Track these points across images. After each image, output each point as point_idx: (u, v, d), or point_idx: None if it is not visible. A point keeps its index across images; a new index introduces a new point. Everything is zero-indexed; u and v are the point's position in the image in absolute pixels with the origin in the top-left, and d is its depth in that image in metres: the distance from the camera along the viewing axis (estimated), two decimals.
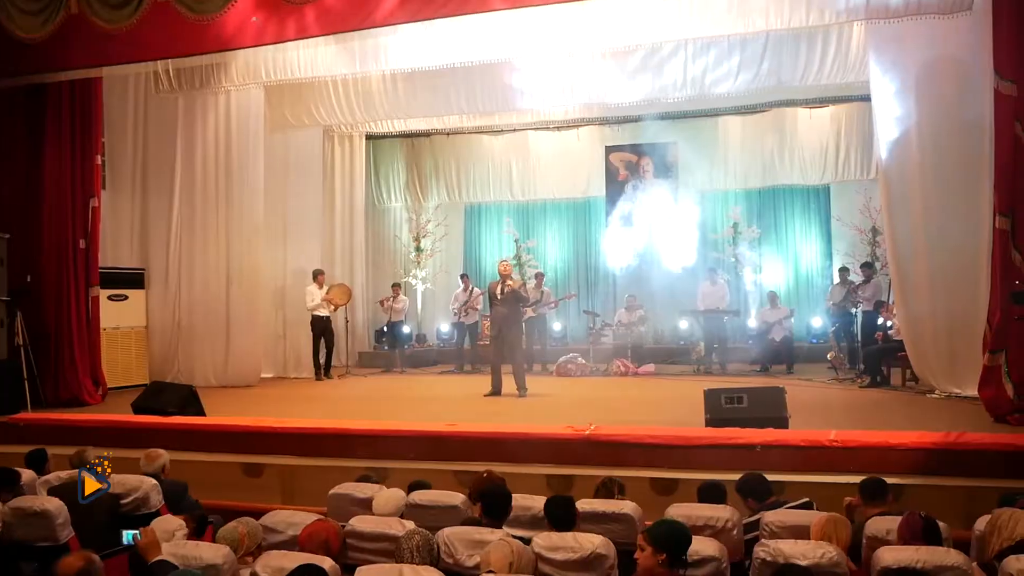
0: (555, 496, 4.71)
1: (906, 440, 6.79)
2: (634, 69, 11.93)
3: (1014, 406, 7.76)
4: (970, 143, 9.27)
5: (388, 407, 10.56)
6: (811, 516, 4.66)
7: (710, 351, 13.47)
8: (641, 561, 3.89)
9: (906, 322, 9.99)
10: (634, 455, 7.17)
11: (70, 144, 10.87)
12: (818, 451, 6.84)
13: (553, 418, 8.63)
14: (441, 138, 16.91)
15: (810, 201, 15.79)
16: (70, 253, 10.81)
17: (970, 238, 9.30)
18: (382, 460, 7.80)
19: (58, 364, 10.75)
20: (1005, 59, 7.91)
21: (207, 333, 12.53)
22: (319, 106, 13.32)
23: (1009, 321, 7.81)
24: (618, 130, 16.17)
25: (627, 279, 16.15)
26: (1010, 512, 4.05)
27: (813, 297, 15.45)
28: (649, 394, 11.13)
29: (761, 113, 15.25)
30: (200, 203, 12.62)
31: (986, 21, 8.81)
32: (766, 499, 5.20)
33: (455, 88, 12.69)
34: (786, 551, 4.02)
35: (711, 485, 5.40)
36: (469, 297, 14.31)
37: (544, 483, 7.01)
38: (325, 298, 13.29)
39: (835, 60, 11.35)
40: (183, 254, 12.68)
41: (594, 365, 13.53)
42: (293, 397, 11.64)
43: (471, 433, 7.83)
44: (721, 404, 7.57)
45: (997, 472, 6.41)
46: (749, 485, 5.28)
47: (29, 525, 5.14)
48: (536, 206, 17.14)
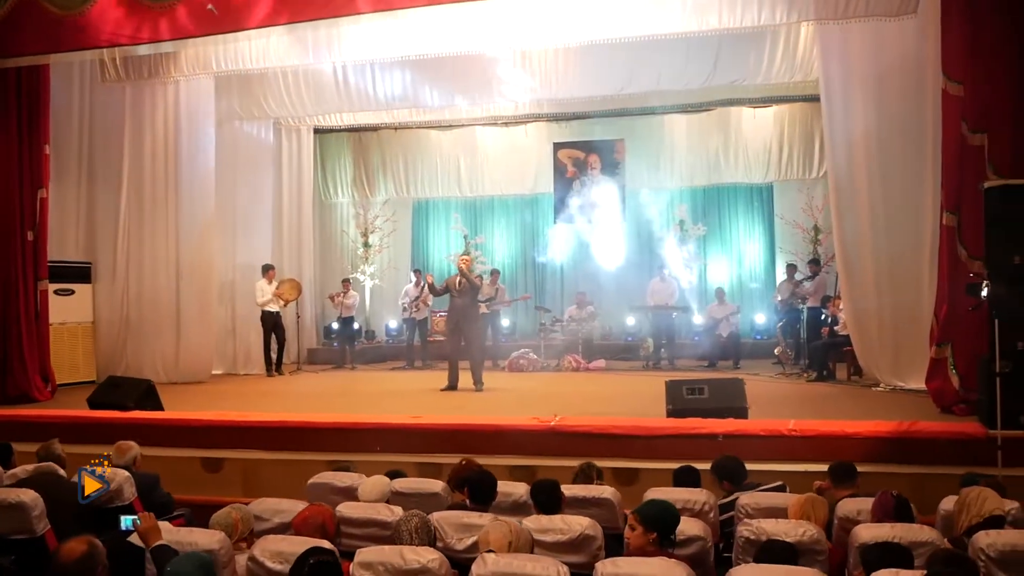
0: (541, 480, 4.80)
1: (861, 429, 7.03)
2: (587, 66, 12.08)
3: (959, 397, 8.04)
4: (915, 143, 9.61)
5: (345, 402, 10.54)
6: (785, 498, 4.83)
7: (659, 347, 13.67)
8: (632, 540, 4.00)
9: (853, 317, 10.29)
10: (599, 445, 7.28)
11: (16, 133, 10.60)
12: (777, 440, 7.05)
13: (512, 412, 8.70)
14: (389, 133, 16.89)
15: (754, 199, 16.12)
16: (17, 246, 10.53)
17: (914, 235, 9.65)
18: (347, 453, 7.79)
19: (6, 361, 10.46)
20: (953, 61, 8.17)
21: (157, 328, 12.32)
22: (268, 98, 13.27)
23: (955, 315, 8.09)
24: (566, 127, 16.32)
25: (575, 275, 16.38)
26: (978, 491, 4.25)
27: (757, 294, 15.78)
28: (604, 389, 11.26)
29: (706, 112, 15.52)
30: (149, 195, 12.41)
31: (931, 24, 9.15)
32: (742, 482, 5.34)
33: (408, 82, 12.71)
34: (769, 529, 4.17)
35: (687, 469, 5.54)
36: (421, 292, 14.29)
37: (508, 474, 7.08)
38: (275, 293, 13.17)
39: (783, 60, 11.67)
40: (131, 247, 12.44)
41: (545, 360, 13.64)
42: (247, 393, 11.52)
43: (437, 425, 7.89)
44: (683, 395, 7.73)
45: (948, 459, 6.69)
46: (726, 468, 5.42)
47: (4, 518, 5.06)
48: (484, 202, 17.21)
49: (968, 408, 7.92)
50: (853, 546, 4.08)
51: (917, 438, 6.89)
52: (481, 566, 3.62)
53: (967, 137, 8.06)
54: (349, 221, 17.29)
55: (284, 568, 3.79)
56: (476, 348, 11.04)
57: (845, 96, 10.23)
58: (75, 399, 10.70)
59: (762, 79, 11.99)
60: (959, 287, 8.05)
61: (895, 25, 9.51)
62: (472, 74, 12.47)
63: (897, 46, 9.80)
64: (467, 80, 12.57)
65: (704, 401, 7.65)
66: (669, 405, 7.72)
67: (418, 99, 13.14)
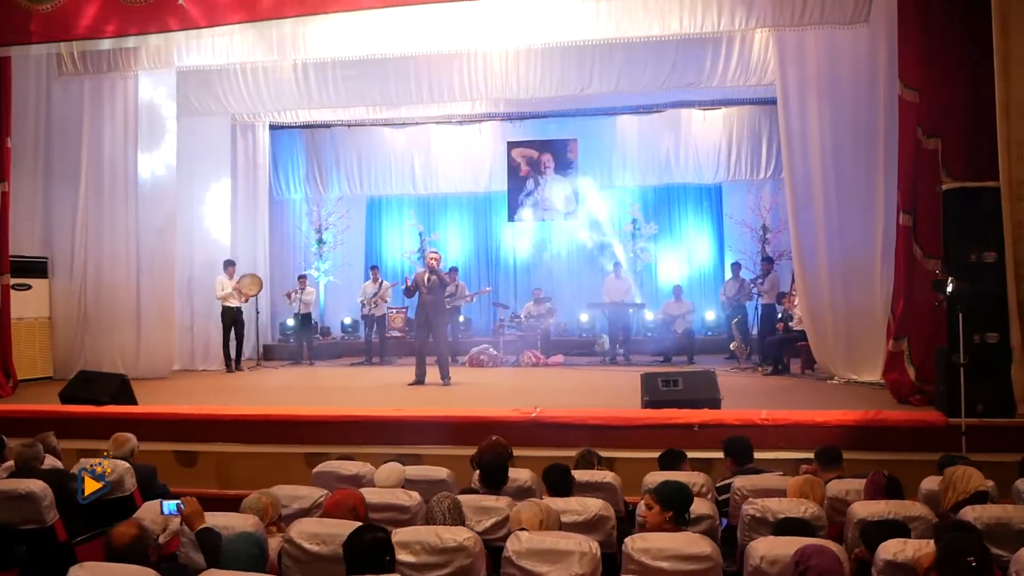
0: (553, 465, 5.00)
1: (830, 418, 7.39)
2: (546, 67, 12.32)
3: (915, 388, 8.48)
4: (867, 145, 10.10)
5: (320, 396, 10.60)
6: (779, 480, 5.11)
7: (615, 342, 13.96)
8: (650, 518, 4.23)
9: (808, 312, 10.69)
10: (578, 436, 7.49)
11: None
12: (751, 429, 7.31)
13: (486, 404, 8.90)
14: (342, 130, 16.88)
15: (703, 199, 16.53)
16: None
17: (867, 234, 10.11)
18: (327, 445, 7.88)
19: None
20: (909, 68, 8.59)
21: (116, 324, 12.18)
22: (227, 93, 13.21)
23: (912, 310, 8.52)
24: (519, 126, 16.50)
25: (528, 272, 16.64)
26: (963, 469, 4.57)
27: (706, 292, 16.18)
28: (568, 383, 11.51)
29: (657, 113, 15.84)
30: (108, 190, 12.23)
31: (882, 31, 9.65)
32: (746, 463, 5.60)
33: (368, 80, 12.80)
34: (773, 507, 4.44)
35: (672, 452, 5.80)
36: (379, 289, 14.38)
37: None
38: (235, 287, 13.15)
39: (738, 64, 12.04)
40: (90, 242, 12.26)
41: (504, 356, 13.84)
42: (212, 388, 11.50)
43: (420, 418, 8.04)
44: (658, 387, 8.00)
45: (911, 446, 7.08)
46: (736, 447, 5.67)
47: (14, 508, 5.09)
48: (438, 199, 17.31)
49: (924, 399, 8.36)
50: (851, 522, 4.37)
51: (882, 426, 7.26)
52: (516, 543, 3.81)
53: (922, 141, 8.49)
54: (302, 218, 17.25)
55: (321, 549, 3.95)
56: (443, 343, 11.18)
57: (800, 99, 10.63)
58: (34, 395, 10.61)
59: (717, 82, 12.34)
60: (915, 284, 8.52)
61: (848, 32, 9.99)
62: (432, 73, 12.60)
63: (850, 53, 10.26)
64: (427, 79, 12.68)
65: (679, 392, 7.94)
66: (645, 396, 7.99)
67: (378, 97, 13.25)
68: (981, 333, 7.29)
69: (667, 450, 5.96)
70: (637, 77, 12.41)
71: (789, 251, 14.77)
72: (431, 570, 3.79)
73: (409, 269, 16.60)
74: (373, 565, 3.40)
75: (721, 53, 11.96)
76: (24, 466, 5.53)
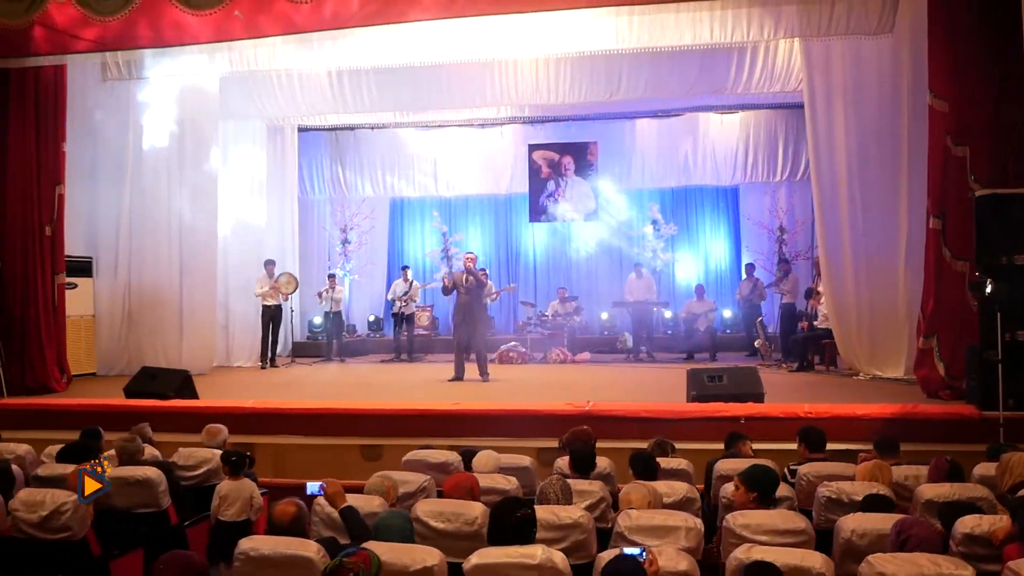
0: (638, 452, 5.41)
1: (870, 411, 7.82)
2: (576, 75, 12.71)
3: (945, 383, 8.90)
4: (891, 151, 10.54)
5: (360, 391, 10.97)
6: (842, 467, 5.52)
7: (639, 340, 14.37)
8: (737, 498, 4.64)
9: (834, 310, 11.09)
10: (629, 428, 7.90)
11: (35, 131, 10.80)
12: (794, 422, 7.69)
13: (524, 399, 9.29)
14: (366, 132, 17.23)
15: (720, 201, 16.96)
16: (36, 240, 10.74)
17: (891, 236, 10.55)
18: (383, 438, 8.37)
19: (25, 352, 10.65)
20: (939, 80, 9.00)
21: (160, 322, 12.55)
22: (262, 98, 13.55)
23: (940, 309, 8.96)
24: (540, 129, 16.88)
25: (549, 272, 17.05)
26: (1018, 455, 4.98)
27: (722, 291, 16.59)
28: (600, 379, 11.89)
29: (676, 117, 16.25)
30: (151, 191, 12.60)
31: (905, 42, 10.08)
32: (820, 450, 6.00)
33: (401, 86, 13.16)
34: (847, 490, 4.85)
35: (733, 434, 6.28)
36: (410, 288, 14.77)
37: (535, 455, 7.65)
38: (273, 285, 13.53)
39: (762, 72, 12.42)
40: (134, 243, 12.64)
41: (531, 353, 14.24)
42: (256, 383, 11.86)
43: (477, 411, 8.43)
44: (704, 382, 8.42)
45: (947, 437, 7.49)
46: (810, 436, 6.06)
47: (132, 493, 5.48)
48: (460, 201, 17.69)
49: (953, 394, 8.77)
50: (918, 502, 4.79)
51: (920, 419, 7.69)
52: (627, 520, 4.22)
53: (951, 149, 8.91)
54: (326, 218, 17.62)
55: (447, 526, 4.37)
56: (482, 341, 11.58)
57: (827, 106, 11.04)
58: (85, 390, 10.99)
59: (743, 89, 12.75)
60: (944, 285, 8.95)
61: (873, 42, 10.41)
62: (465, 80, 12.97)
63: (875, 62, 10.69)
64: (460, 86, 13.06)
65: (724, 387, 8.35)
66: (692, 391, 8.41)
67: (410, 103, 13.67)
68: (1012, 331, 7.69)
69: (730, 432, 6.41)
70: (663, 84, 12.82)
71: (805, 251, 15.36)
72: (550, 545, 4.18)
73: (432, 268, 17.01)
74: (518, 537, 3.78)
75: (746, 61, 12.32)
76: (129, 459, 5.90)
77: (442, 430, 8.20)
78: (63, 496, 4.87)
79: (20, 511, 4.85)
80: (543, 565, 3.63)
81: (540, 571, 3.62)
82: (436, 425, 8.31)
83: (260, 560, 3.78)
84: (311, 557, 3.74)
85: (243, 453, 6.11)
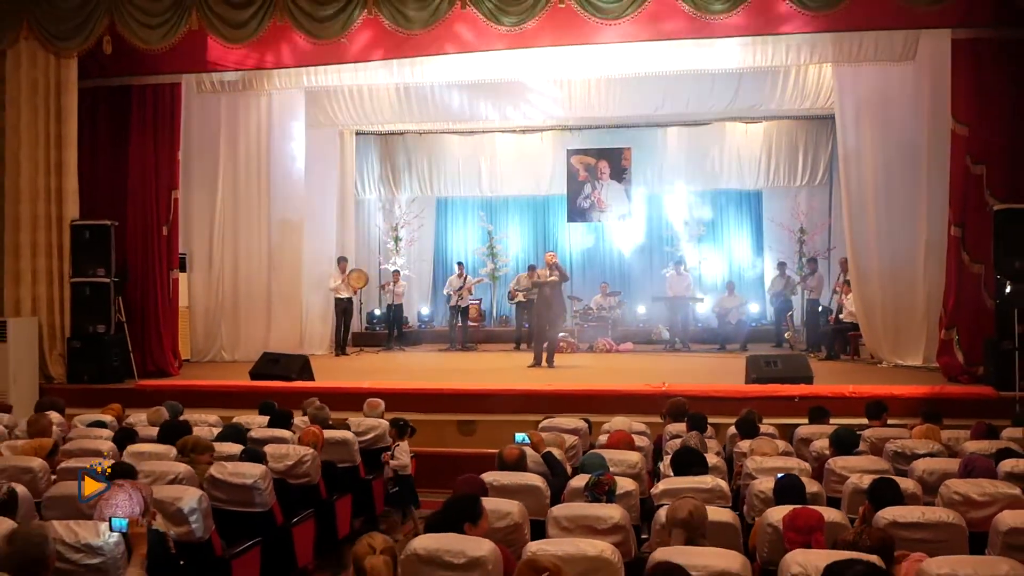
0: (743, 416, 6.84)
1: (904, 392, 9.27)
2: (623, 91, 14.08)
3: (964, 369, 10.36)
4: (912, 164, 11.90)
5: (444, 375, 12.15)
6: (898, 432, 6.93)
7: (675, 332, 15.76)
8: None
9: (861, 305, 12.52)
10: (700, 406, 9.10)
11: (152, 140, 12.15)
12: (841, 400, 9.12)
13: (593, 382, 10.71)
14: (414, 136, 18.50)
15: (743, 203, 18.36)
16: (155, 239, 12.11)
17: (912, 240, 11.94)
18: (478, 415, 9.80)
19: (145, 339, 12.04)
20: (961, 106, 10.43)
21: (250, 313, 13.93)
22: (335, 108, 14.88)
23: (960, 305, 10.41)
24: (577, 135, 18.14)
25: (585, 269, 18.42)
26: None
27: (745, 287, 17.93)
28: (650, 365, 13.27)
29: (704, 126, 17.60)
30: (243, 193, 13.95)
31: (926, 68, 11.45)
32: (877, 418, 7.41)
33: (463, 100, 14.54)
34: (909, 445, 6.26)
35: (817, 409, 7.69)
36: (464, 283, 16.11)
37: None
38: (344, 280, 14.87)
39: (794, 90, 13.80)
40: (226, 240, 13.96)
41: (578, 343, 15.62)
42: (345, 369, 13.21)
43: (563, 391, 9.84)
44: (762, 366, 9.85)
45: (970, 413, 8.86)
46: (873, 407, 7.46)
47: (335, 450, 6.86)
48: (501, 201, 19.01)
49: (970, 378, 10.22)
50: (964, 454, 6.18)
51: (947, 398, 9.13)
52: (755, 463, 5.62)
53: (970, 168, 10.36)
54: (377, 216, 18.89)
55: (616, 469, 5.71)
56: (555, 332, 12.93)
57: (856, 123, 12.44)
58: (195, 374, 12.33)
59: (775, 105, 14.17)
60: (963, 284, 10.39)
61: (897, 68, 11.79)
62: (522, 94, 14.39)
63: (899, 85, 12.06)
64: (517, 100, 14.48)
65: (779, 371, 9.78)
66: (752, 374, 9.83)
67: (470, 115, 15.03)
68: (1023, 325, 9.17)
69: (814, 407, 7.80)
70: (704, 101, 14.21)
71: (824, 251, 16.74)
72: None
73: (478, 264, 18.31)
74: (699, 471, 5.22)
75: (779, 79, 13.67)
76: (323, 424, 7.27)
77: (537, 407, 9.48)
78: (304, 451, 6.27)
79: (271, 462, 6.20)
80: (713, 489, 5.04)
81: (711, 493, 5.02)
82: (533, 403, 9.65)
83: (500, 488, 5.14)
84: (538, 485, 5.15)
85: (407, 421, 7.49)
